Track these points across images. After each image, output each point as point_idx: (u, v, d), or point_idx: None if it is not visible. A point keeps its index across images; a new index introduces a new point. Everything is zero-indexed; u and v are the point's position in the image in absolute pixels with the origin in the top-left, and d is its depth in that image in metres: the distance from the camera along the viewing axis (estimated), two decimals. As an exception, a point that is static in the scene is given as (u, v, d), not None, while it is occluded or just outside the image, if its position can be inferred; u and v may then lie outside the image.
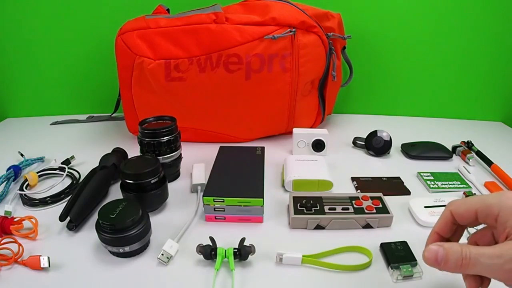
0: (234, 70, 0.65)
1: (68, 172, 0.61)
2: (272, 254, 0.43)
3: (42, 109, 0.91)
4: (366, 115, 0.90)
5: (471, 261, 0.28)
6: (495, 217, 0.30)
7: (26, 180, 0.58)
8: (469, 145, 0.71)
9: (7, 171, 0.60)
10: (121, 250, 0.42)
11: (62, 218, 0.48)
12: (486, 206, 0.30)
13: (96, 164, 0.60)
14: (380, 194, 0.53)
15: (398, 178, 0.61)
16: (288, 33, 0.64)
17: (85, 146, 0.74)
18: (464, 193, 0.55)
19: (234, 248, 0.42)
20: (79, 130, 0.82)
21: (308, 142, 0.68)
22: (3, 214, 0.49)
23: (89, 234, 0.47)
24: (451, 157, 0.69)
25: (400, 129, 0.80)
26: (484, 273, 0.28)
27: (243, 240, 0.43)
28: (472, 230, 0.37)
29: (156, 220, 0.50)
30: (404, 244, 0.45)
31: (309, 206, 0.49)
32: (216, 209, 0.49)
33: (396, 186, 0.59)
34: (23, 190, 0.56)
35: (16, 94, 0.89)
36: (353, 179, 0.61)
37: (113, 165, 0.58)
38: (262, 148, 0.64)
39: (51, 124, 0.86)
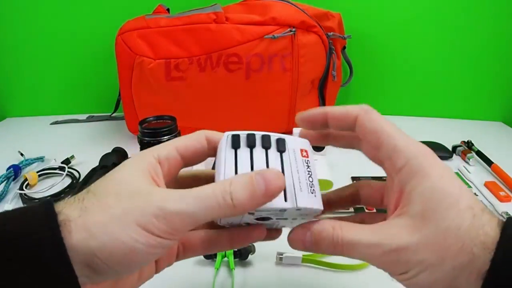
0: (234, 70, 0.65)
1: (68, 171, 0.61)
2: (272, 254, 0.43)
3: (42, 108, 0.91)
4: (366, 115, 0.90)
5: (345, 249, 0.23)
6: (399, 168, 0.24)
7: (26, 179, 0.58)
8: (469, 145, 0.71)
9: (7, 170, 0.60)
10: (121, 250, 0.42)
11: (62, 217, 0.48)
12: (394, 149, 0.24)
13: (96, 163, 0.60)
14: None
15: (398, 177, 0.61)
16: (288, 32, 0.64)
17: (85, 145, 0.74)
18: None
19: (234, 248, 0.42)
20: (79, 130, 0.82)
21: (308, 141, 0.68)
22: (3, 214, 0.49)
23: (89, 233, 0.47)
24: (451, 156, 0.69)
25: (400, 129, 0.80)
26: (363, 260, 0.24)
27: (243, 239, 0.43)
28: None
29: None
30: (404, 243, 0.44)
31: (309, 205, 0.49)
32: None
33: (396, 186, 0.59)
34: (23, 190, 0.56)
35: (16, 93, 0.89)
36: (353, 178, 0.61)
37: (113, 164, 0.58)
38: (262, 148, 0.64)
39: (51, 124, 0.86)
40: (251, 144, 0.24)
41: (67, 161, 0.64)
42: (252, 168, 0.23)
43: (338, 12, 0.73)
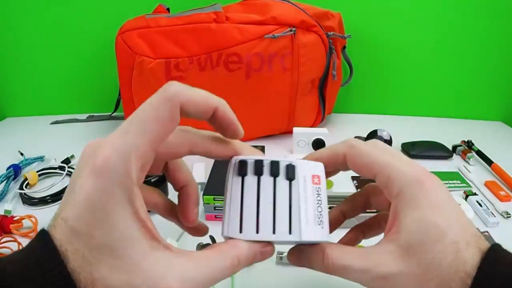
0: (234, 69, 0.65)
1: (68, 171, 0.61)
2: (272, 253, 0.43)
3: (42, 108, 0.90)
4: (366, 115, 0.90)
5: (336, 272, 0.25)
6: (394, 196, 0.24)
7: (26, 179, 0.58)
8: (469, 145, 0.71)
9: (7, 170, 0.60)
10: (121, 249, 0.42)
11: (62, 217, 0.48)
12: (388, 179, 0.24)
13: (96, 163, 0.59)
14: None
15: (398, 177, 0.61)
16: (288, 32, 0.64)
17: (85, 145, 0.74)
18: (464, 192, 0.55)
19: (234, 247, 0.42)
20: (79, 130, 0.82)
21: (308, 141, 0.68)
22: (3, 213, 0.49)
23: (89, 233, 0.47)
24: (451, 156, 0.69)
25: (400, 129, 0.80)
26: (353, 281, 0.25)
27: (243, 239, 0.43)
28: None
29: (156, 219, 0.50)
30: (404, 243, 0.44)
31: (309, 205, 0.49)
32: (216, 208, 0.49)
33: (396, 185, 0.59)
34: (23, 189, 0.56)
35: (16, 93, 0.89)
36: (353, 178, 0.61)
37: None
38: (262, 147, 0.64)
39: (51, 124, 0.86)
40: (258, 172, 0.24)
41: (67, 161, 0.64)
42: (258, 201, 0.23)
43: (338, 11, 0.73)
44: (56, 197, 0.55)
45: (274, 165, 0.24)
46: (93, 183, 0.19)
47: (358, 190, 0.32)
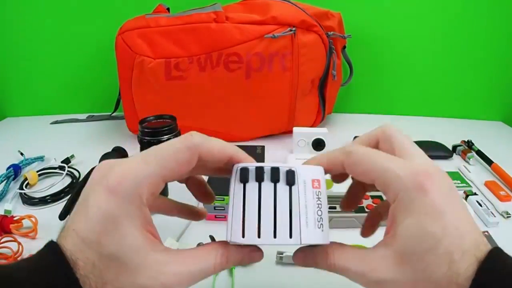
0: (234, 69, 0.65)
1: (68, 171, 0.61)
2: (272, 253, 0.43)
3: (42, 108, 0.90)
4: (366, 114, 0.90)
5: (338, 272, 0.26)
6: (392, 201, 0.24)
7: (26, 179, 0.58)
8: (469, 145, 0.71)
9: (7, 170, 0.60)
10: (121, 249, 0.42)
11: (62, 217, 0.48)
12: (384, 185, 0.24)
13: (96, 163, 0.59)
14: (380, 193, 0.52)
15: (398, 177, 0.61)
16: (288, 32, 0.64)
17: (85, 145, 0.74)
18: (464, 192, 0.55)
19: (234, 247, 0.42)
20: (79, 129, 0.82)
21: (308, 141, 0.68)
22: (3, 213, 0.49)
23: (89, 233, 0.47)
24: (451, 156, 0.69)
25: (400, 128, 0.80)
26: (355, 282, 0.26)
27: (243, 239, 0.43)
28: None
29: (156, 218, 0.50)
30: (404, 243, 0.44)
31: (309, 205, 0.49)
32: (216, 208, 0.49)
33: (396, 185, 0.59)
34: (23, 189, 0.56)
35: (16, 93, 0.89)
36: (353, 178, 0.61)
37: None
38: (262, 147, 0.64)
39: (51, 123, 0.86)
40: (259, 179, 0.25)
41: (67, 161, 0.64)
42: (259, 207, 0.25)
43: (338, 11, 0.73)
44: (56, 197, 0.55)
45: (274, 171, 0.25)
46: (107, 199, 0.22)
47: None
